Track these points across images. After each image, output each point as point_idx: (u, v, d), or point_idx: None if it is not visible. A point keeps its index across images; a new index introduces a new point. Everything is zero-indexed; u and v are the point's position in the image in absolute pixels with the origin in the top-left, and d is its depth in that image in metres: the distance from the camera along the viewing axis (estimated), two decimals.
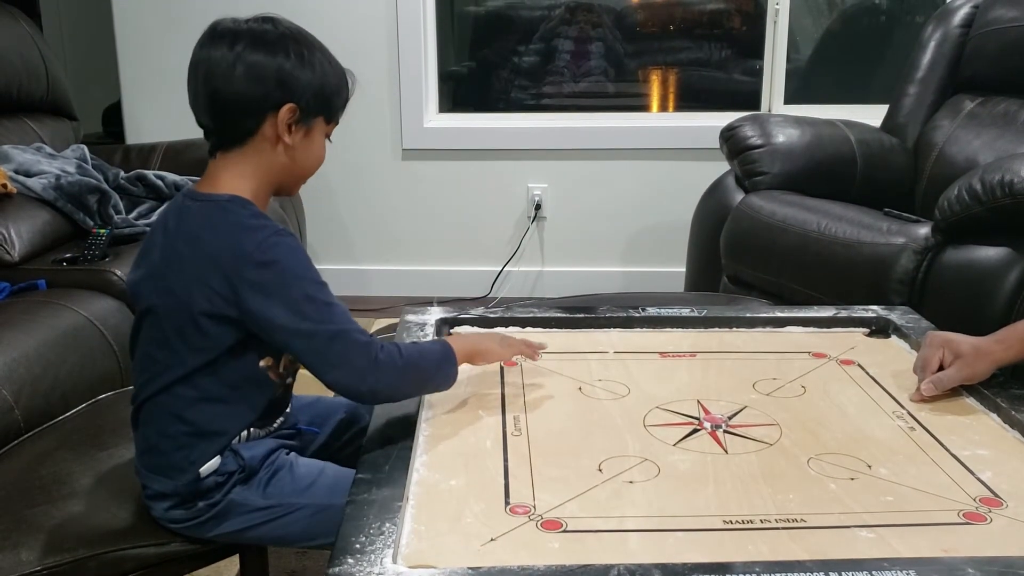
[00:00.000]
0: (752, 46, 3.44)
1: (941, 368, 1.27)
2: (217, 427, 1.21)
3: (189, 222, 1.20)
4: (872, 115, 2.86)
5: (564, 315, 1.57)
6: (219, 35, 1.18)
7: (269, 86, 1.17)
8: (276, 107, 1.17)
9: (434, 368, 1.23)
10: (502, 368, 1.37)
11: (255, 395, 1.22)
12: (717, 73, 3.61)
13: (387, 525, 0.93)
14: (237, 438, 1.22)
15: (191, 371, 1.18)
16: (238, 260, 1.13)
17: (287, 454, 1.27)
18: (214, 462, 1.20)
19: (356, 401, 1.30)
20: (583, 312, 1.58)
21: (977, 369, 1.26)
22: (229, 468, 1.21)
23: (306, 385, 1.46)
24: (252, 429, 1.24)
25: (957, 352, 1.27)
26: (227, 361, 1.18)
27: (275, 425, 1.29)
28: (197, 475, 1.19)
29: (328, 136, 1.26)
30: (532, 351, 1.35)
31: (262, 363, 1.20)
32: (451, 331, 1.52)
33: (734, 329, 1.56)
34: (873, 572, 0.86)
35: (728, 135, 2.63)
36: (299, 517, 1.22)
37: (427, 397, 1.26)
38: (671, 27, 3.64)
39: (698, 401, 1.27)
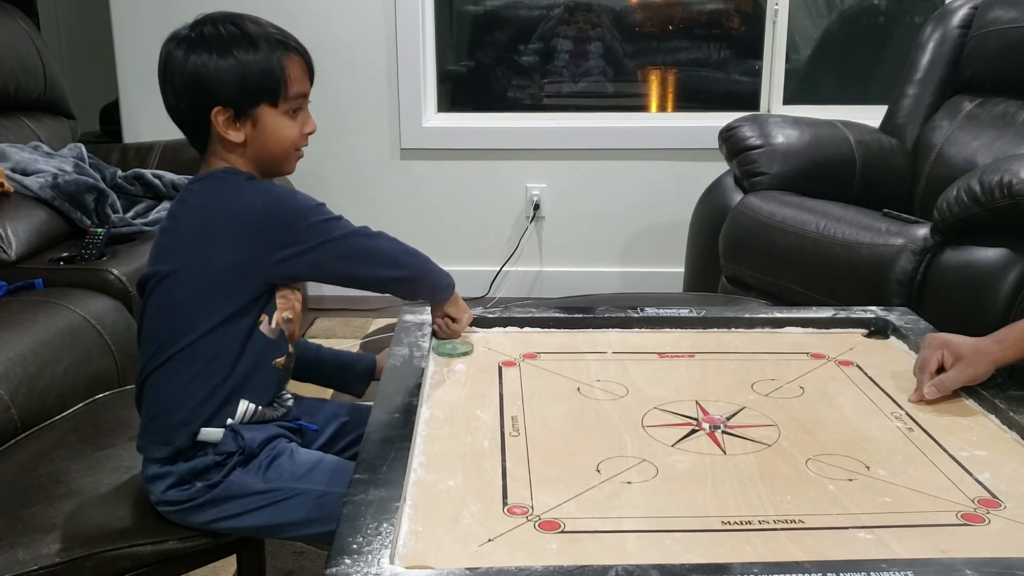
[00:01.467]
0: (751, 46, 3.44)
1: (941, 370, 1.27)
2: (216, 389, 1.22)
3: (193, 200, 1.26)
4: (871, 116, 2.86)
5: (563, 315, 1.56)
6: (162, 49, 1.23)
7: (191, 95, 1.20)
8: (208, 112, 1.20)
9: (437, 269, 1.36)
10: (500, 368, 1.37)
11: (250, 351, 1.24)
12: (716, 73, 3.61)
13: (384, 525, 0.93)
14: (241, 412, 1.23)
15: (200, 335, 1.21)
16: (251, 215, 1.19)
17: (288, 442, 1.28)
18: (215, 433, 1.22)
19: (383, 288, 1.33)
20: (581, 312, 1.57)
21: (978, 370, 1.26)
22: (228, 448, 1.22)
23: (312, 390, 1.47)
24: (253, 406, 1.25)
25: (957, 354, 1.26)
26: (232, 321, 1.21)
27: (278, 412, 1.30)
28: (195, 439, 1.21)
29: (293, 110, 1.24)
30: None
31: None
32: None
33: (733, 330, 1.55)
34: (871, 573, 0.85)
35: (727, 135, 2.63)
36: (298, 503, 1.22)
37: (425, 396, 1.26)
38: (670, 27, 3.64)
39: (696, 402, 1.27)
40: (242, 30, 1.21)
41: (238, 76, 1.19)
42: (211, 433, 1.22)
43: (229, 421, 1.23)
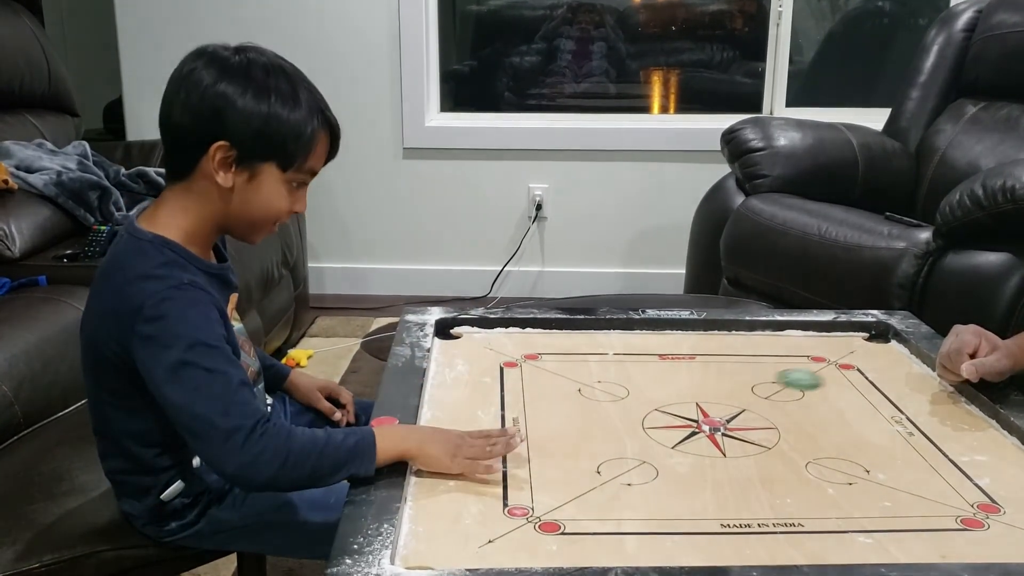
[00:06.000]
0: (754, 48, 3.44)
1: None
2: (164, 463, 1.17)
3: (114, 258, 1.15)
4: (874, 118, 2.86)
5: (564, 316, 1.57)
6: (189, 55, 1.11)
7: (204, 117, 1.08)
8: (209, 141, 1.08)
9: (333, 461, 1.04)
10: (501, 368, 1.38)
11: None
12: (719, 75, 3.62)
13: (385, 526, 0.93)
14: (198, 462, 1.19)
15: (120, 412, 1.15)
16: (132, 312, 1.06)
17: None
18: (176, 487, 1.18)
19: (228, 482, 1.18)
20: (583, 313, 1.58)
21: (1012, 364, 1.25)
22: (195, 490, 1.19)
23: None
24: None
25: (994, 344, 1.26)
26: (151, 404, 1.09)
27: None
28: (160, 500, 1.18)
29: (294, 184, 1.13)
30: (488, 468, 1.06)
31: None
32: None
33: (733, 332, 1.56)
34: None
35: (729, 137, 2.63)
36: (282, 533, 1.20)
37: (427, 396, 1.26)
38: (673, 28, 3.65)
39: (697, 404, 1.27)
40: (291, 84, 1.10)
41: (264, 123, 1.08)
42: (173, 491, 1.18)
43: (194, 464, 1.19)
